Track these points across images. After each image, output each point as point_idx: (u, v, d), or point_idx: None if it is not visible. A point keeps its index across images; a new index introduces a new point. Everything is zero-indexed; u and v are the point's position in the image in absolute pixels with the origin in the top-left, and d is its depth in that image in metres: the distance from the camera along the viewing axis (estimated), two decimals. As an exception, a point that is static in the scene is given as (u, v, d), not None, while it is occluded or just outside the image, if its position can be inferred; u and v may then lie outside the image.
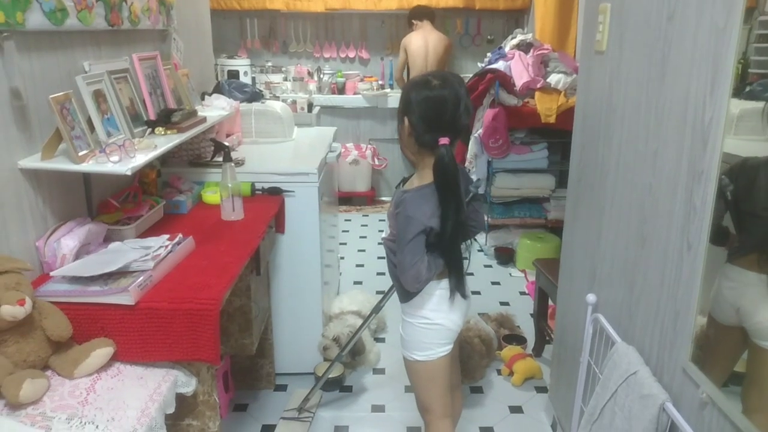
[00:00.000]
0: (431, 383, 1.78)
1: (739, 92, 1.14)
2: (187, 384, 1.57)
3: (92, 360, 1.45)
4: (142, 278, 1.55)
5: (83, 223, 1.78)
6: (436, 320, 1.71)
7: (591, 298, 1.79)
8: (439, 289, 1.70)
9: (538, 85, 3.70)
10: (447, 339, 1.74)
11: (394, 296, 2.13)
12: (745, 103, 1.14)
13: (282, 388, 2.64)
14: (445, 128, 1.59)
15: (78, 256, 1.69)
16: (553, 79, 3.71)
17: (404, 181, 1.77)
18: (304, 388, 2.50)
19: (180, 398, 1.56)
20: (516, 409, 2.52)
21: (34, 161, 1.65)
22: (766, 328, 1.12)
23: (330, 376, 2.54)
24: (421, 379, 1.79)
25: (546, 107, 3.61)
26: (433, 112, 1.59)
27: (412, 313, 1.72)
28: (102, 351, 1.47)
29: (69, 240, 1.69)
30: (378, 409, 2.52)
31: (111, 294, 1.50)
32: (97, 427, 1.28)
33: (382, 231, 1.82)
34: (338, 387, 2.64)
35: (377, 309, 2.30)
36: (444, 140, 1.58)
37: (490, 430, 2.39)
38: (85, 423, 1.29)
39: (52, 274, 1.60)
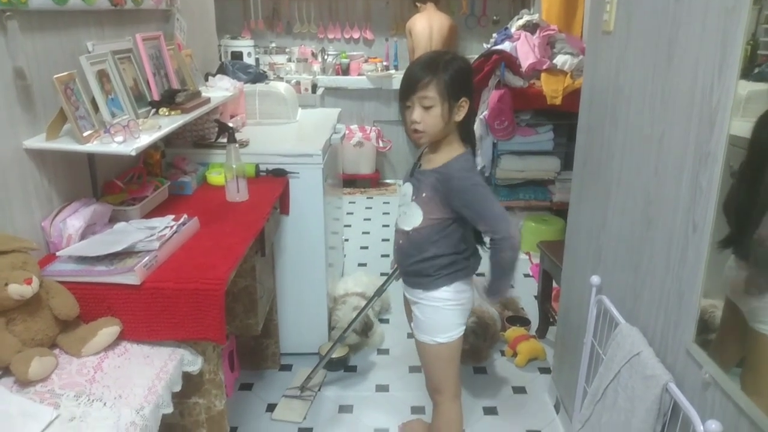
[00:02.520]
0: (450, 363, 1.80)
1: (747, 74, 1.13)
2: (193, 363, 1.58)
3: (99, 338, 1.46)
4: (147, 258, 1.56)
5: (88, 203, 1.78)
6: (461, 300, 1.74)
7: (595, 279, 1.79)
8: (466, 267, 1.73)
9: (544, 67, 3.66)
10: (467, 316, 1.78)
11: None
12: (753, 85, 1.13)
13: (287, 368, 2.66)
14: None
15: (84, 236, 1.70)
16: (560, 60, 3.67)
17: (417, 165, 1.73)
18: (308, 368, 2.52)
19: (186, 377, 1.57)
20: (519, 390, 2.54)
21: (38, 141, 1.65)
22: (754, 309, 1.13)
23: (335, 356, 2.56)
24: (441, 361, 1.79)
25: (552, 89, 3.58)
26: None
27: (437, 296, 1.72)
28: (109, 330, 1.48)
29: (74, 220, 1.69)
30: (382, 388, 2.54)
31: (117, 274, 1.51)
32: (104, 404, 1.30)
33: (385, 213, 1.80)
34: (343, 367, 2.66)
35: (379, 292, 2.31)
36: None
37: (493, 410, 2.41)
38: (92, 400, 1.30)
39: (58, 254, 1.61)
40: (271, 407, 2.41)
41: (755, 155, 1.12)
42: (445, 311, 1.73)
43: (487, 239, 1.68)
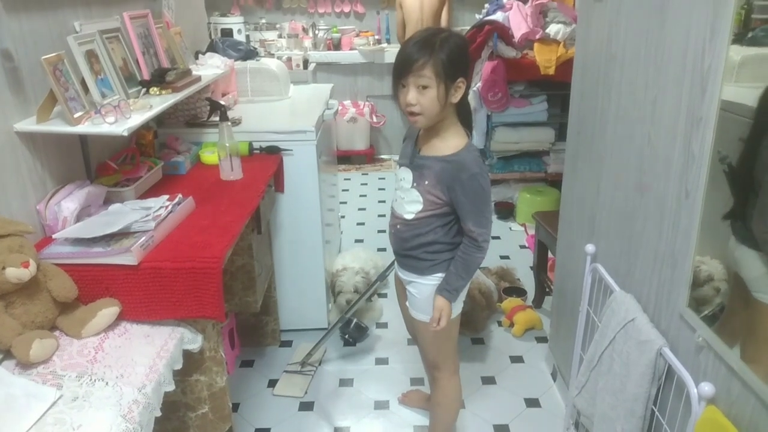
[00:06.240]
0: (448, 341, 1.81)
1: (741, 38, 1.12)
2: (194, 341, 1.60)
3: (99, 319, 1.47)
4: (144, 238, 1.56)
5: (82, 185, 1.78)
6: None
7: (590, 248, 1.80)
8: None
9: (537, 36, 3.64)
10: (464, 296, 1.76)
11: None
12: (747, 50, 1.12)
13: (287, 344, 2.69)
14: None
15: (79, 218, 1.70)
16: (553, 29, 3.64)
17: (416, 150, 1.66)
18: (308, 343, 2.54)
19: (187, 355, 1.59)
20: (517, 359, 2.58)
21: (29, 124, 1.64)
22: (755, 279, 1.13)
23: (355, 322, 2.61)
24: (438, 339, 1.78)
25: (545, 59, 3.56)
26: None
27: (433, 279, 1.69)
28: (108, 311, 1.49)
29: (69, 203, 1.69)
30: (381, 361, 2.57)
31: (114, 255, 1.52)
32: (107, 383, 1.31)
33: (381, 189, 1.79)
34: (365, 334, 2.69)
35: (382, 277, 2.32)
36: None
37: (491, 379, 2.44)
38: (95, 380, 1.32)
39: (54, 236, 1.61)
40: (272, 383, 2.43)
41: (758, 124, 1.09)
42: None
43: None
